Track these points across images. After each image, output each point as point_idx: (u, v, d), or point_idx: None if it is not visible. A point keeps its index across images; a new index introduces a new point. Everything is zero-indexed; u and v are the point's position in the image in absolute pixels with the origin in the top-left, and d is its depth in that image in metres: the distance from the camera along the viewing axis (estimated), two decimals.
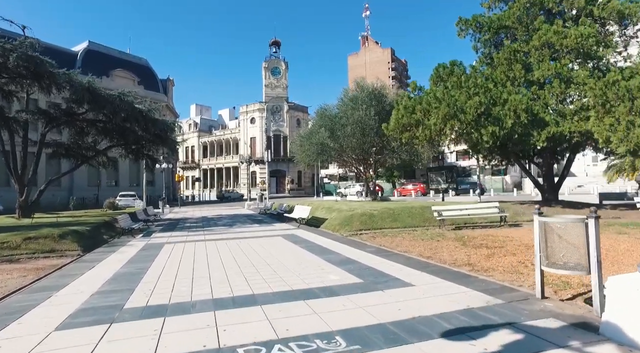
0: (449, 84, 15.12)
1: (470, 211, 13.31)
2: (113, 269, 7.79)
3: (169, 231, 15.37)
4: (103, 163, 21.74)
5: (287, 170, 67.54)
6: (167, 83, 56.37)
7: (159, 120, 19.05)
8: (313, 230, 14.56)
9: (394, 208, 14.84)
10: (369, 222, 13.81)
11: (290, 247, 10.27)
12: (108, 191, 39.66)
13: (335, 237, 12.20)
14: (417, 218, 14.20)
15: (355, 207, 16.15)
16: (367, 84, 22.15)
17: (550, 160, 17.09)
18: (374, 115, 20.65)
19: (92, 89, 15.60)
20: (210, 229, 15.67)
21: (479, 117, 13.85)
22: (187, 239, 12.63)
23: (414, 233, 12.43)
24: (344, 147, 21.06)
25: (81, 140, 19.60)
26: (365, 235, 12.37)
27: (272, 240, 11.93)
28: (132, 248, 10.85)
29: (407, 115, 15.47)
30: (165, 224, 18.75)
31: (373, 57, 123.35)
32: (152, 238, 13.23)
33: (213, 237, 13.13)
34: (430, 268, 7.13)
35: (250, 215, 23.36)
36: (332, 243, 10.83)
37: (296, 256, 8.84)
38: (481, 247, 9.38)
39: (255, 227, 16.07)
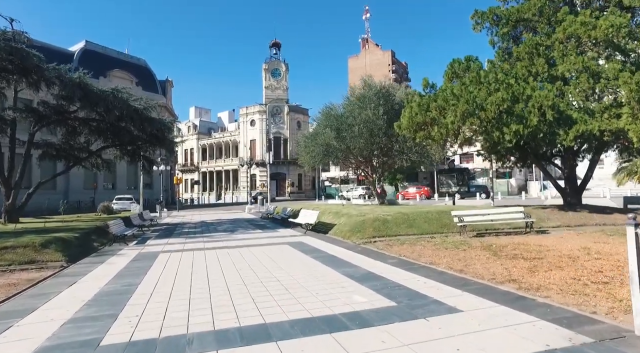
0: (466, 79, 14.08)
1: (493, 216, 12.24)
2: (97, 286, 6.67)
3: (165, 238, 14.25)
4: (97, 165, 20.64)
5: (287, 173, 66.51)
6: (165, 84, 55.38)
7: (156, 120, 17.98)
8: (321, 237, 13.47)
9: (408, 213, 13.76)
10: (383, 228, 12.72)
11: (300, 258, 9.16)
12: (105, 194, 38.55)
13: (348, 245, 11.10)
14: (434, 224, 13.11)
15: (366, 212, 15.07)
16: (374, 82, 21.11)
17: (572, 162, 16.05)
18: (383, 115, 19.60)
19: (83, 84, 14.53)
20: (210, 236, 14.56)
21: (500, 115, 12.81)
22: (185, 247, 11.52)
23: (433, 240, 11.35)
24: (351, 148, 19.98)
25: (73, 141, 18.49)
26: (381, 243, 11.28)
27: (278, 248, 10.82)
28: (123, 258, 9.73)
29: (422, 113, 14.42)
30: (162, 229, 17.63)
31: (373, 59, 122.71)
32: (146, 246, 12.12)
33: (213, 244, 12.02)
34: (471, 286, 6.04)
35: (251, 219, 22.25)
36: (346, 252, 9.73)
37: (309, 269, 7.74)
38: (516, 258, 8.30)
39: (259, 233, 14.96)
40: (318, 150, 19.99)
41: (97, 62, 40.62)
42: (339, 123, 20.56)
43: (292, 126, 67.61)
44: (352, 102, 21.39)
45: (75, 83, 14.27)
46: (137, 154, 21.15)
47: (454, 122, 13.51)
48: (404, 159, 20.79)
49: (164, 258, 9.49)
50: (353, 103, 21.09)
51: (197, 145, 75.90)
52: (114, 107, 15.55)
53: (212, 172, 73.25)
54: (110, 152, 21.20)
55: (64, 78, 14.26)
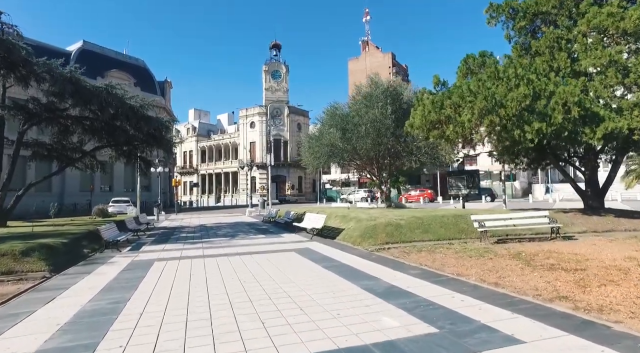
0: (483, 75, 13.23)
1: (516, 221, 11.33)
2: (78, 303, 5.73)
3: (161, 243, 13.30)
4: (91, 166, 19.70)
5: (287, 176, 65.68)
6: (164, 85, 54.58)
7: (153, 118, 17.07)
8: (329, 242, 12.53)
9: (422, 218, 12.85)
10: (396, 233, 11.81)
11: (310, 268, 8.23)
12: (101, 197, 37.60)
13: (360, 253, 10.17)
14: (450, 229, 12.20)
15: (376, 216, 14.15)
16: (381, 81, 20.25)
17: (593, 163, 15.17)
18: (391, 114, 18.73)
19: (75, 80, 13.63)
20: (210, 241, 13.61)
21: (522, 112, 11.94)
22: (183, 254, 10.58)
23: (452, 247, 10.44)
24: (357, 148, 19.08)
25: (66, 140, 17.56)
26: (395, 250, 10.36)
27: (284, 256, 9.88)
28: (114, 267, 8.79)
29: (436, 111, 13.54)
30: (159, 234, 16.67)
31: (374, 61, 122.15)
32: (140, 253, 11.17)
33: (213, 251, 11.08)
34: (517, 305, 5.12)
35: (252, 223, 21.30)
36: (361, 261, 8.81)
37: (323, 282, 6.82)
38: (554, 269, 7.38)
39: (261, 239, 14.02)
40: (323, 151, 19.10)
41: (95, 62, 39.77)
42: (345, 123, 19.69)
43: (293, 128, 66.86)
44: (358, 101, 20.54)
45: (66, 78, 13.37)
46: (134, 154, 20.23)
47: (471, 120, 12.63)
48: (413, 160, 19.90)
49: (159, 268, 8.54)
50: (359, 102, 20.23)
51: (196, 147, 75.01)
52: (108, 104, 14.64)
53: (211, 174, 72.32)
54: (106, 153, 20.28)
55: (54, 73, 13.37)
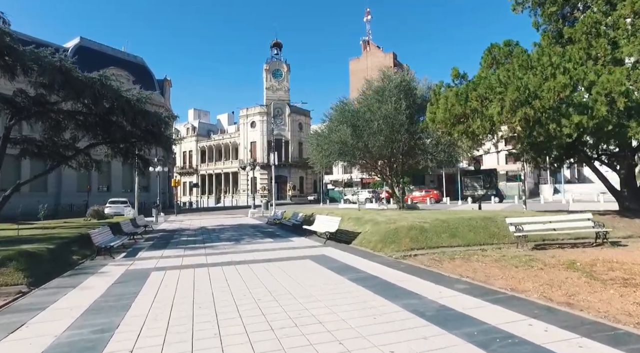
0: (514, 65, 12.05)
1: (556, 225, 10.13)
2: (52, 332, 4.52)
3: (160, 248, 12.08)
4: (85, 164, 18.45)
5: (288, 176, 64.54)
6: (164, 83, 53.42)
7: (151, 113, 15.86)
8: (345, 248, 11.33)
9: (448, 220, 11.65)
10: (421, 238, 10.60)
11: (334, 280, 7.02)
12: (99, 197, 36.38)
13: (385, 261, 8.97)
14: (480, 233, 11.01)
15: (394, 218, 12.95)
16: (393, 74, 19.07)
17: (630, 160, 14.01)
18: (405, 109, 17.54)
19: (65, 69, 12.42)
20: (213, 246, 12.40)
21: (559, 104, 10.78)
22: (184, 262, 9.37)
23: (488, 254, 9.25)
24: (369, 146, 17.88)
25: (57, 137, 16.31)
26: (424, 257, 9.17)
27: (300, 265, 8.67)
28: (104, 279, 7.57)
29: (461, 104, 12.36)
30: (157, 237, 15.45)
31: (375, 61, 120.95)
32: (136, 260, 9.94)
33: (217, 258, 9.87)
34: (626, 341, 3.93)
35: (256, 225, 20.08)
36: (390, 272, 7.60)
37: (355, 300, 5.61)
38: (631, 284, 6.20)
39: (269, 243, 12.81)
40: (332, 148, 17.88)
41: (92, 59, 38.51)
42: (356, 119, 18.49)
43: (294, 128, 65.76)
44: (369, 96, 19.34)
45: (55, 67, 12.14)
46: (131, 152, 18.99)
47: (501, 113, 11.45)
48: (429, 159, 18.70)
49: (157, 280, 7.33)
50: (370, 97, 19.05)
51: (196, 147, 73.80)
52: (102, 96, 13.42)
53: (211, 174, 71.11)
54: (101, 151, 19.04)
55: (42, 62, 12.15)
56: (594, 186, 50.48)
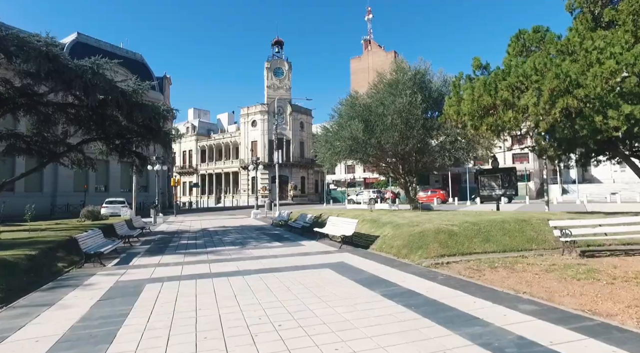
0: (550, 49, 10.89)
1: (608, 229, 8.90)
2: None
3: (157, 254, 10.86)
4: (78, 162, 17.23)
5: (289, 176, 63.38)
6: (163, 81, 52.25)
7: (148, 106, 14.63)
8: (363, 253, 10.14)
9: (478, 223, 10.44)
10: (451, 243, 9.40)
11: (365, 298, 5.81)
12: (97, 197, 35.21)
13: (416, 270, 7.76)
14: (516, 237, 9.80)
15: (417, 220, 11.74)
16: (408, 66, 17.87)
17: None
18: (421, 103, 16.34)
19: (52, 55, 11.19)
20: (216, 251, 11.18)
21: (608, 93, 9.59)
22: (183, 272, 8.15)
23: (533, 262, 8.04)
24: (382, 142, 16.67)
25: (47, 132, 15.11)
26: (458, 266, 7.97)
27: (320, 276, 7.46)
28: (88, 294, 6.35)
29: (490, 94, 11.17)
30: (155, 241, 14.24)
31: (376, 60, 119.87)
32: (129, 268, 8.73)
33: (222, 266, 8.66)
34: None
35: (261, 227, 18.87)
36: (429, 286, 6.39)
37: (401, 327, 4.40)
38: None
39: (278, 248, 11.60)
40: (343, 145, 16.68)
41: (90, 56, 37.32)
42: (368, 113, 17.28)
43: (295, 127, 64.67)
44: (381, 89, 18.14)
45: (41, 53, 10.91)
46: (127, 149, 17.80)
47: (537, 104, 10.25)
48: (446, 156, 17.50)
49: (151, 296, 6.11)
50: (383, 90, 17.84)
51: (196, 147, 72.60)
52: (94, 86, 12.19)
53: (211, 174, 69.91)
54: (96, 147, 17.84)
55: (26, 46, 10.94)
56: (602, 186, 49.41)
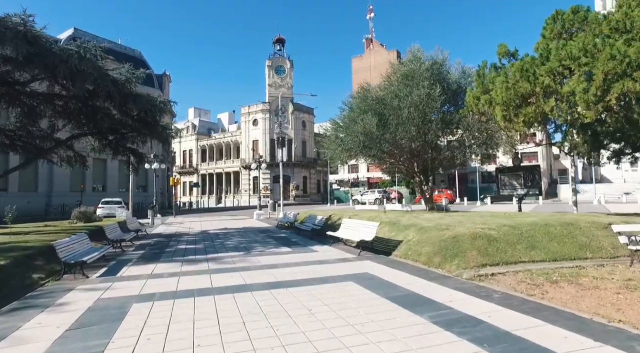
0: (602, 28, 9.56)
1: None
2: None
3: (151, 261, 9.52)
4: (68, 159, 15.94)
5: (291, 176, 62.10)
6: (163, 78, 50.95)
7: (143, 97, 13.30)
8: (387, 261, 8.82)
9: (518, 227, 9.10)
10: (491, 250, 8.07)
11: (412, 325, 4.47)
12: (93, 197, 33.92)
13: (460, 285, 6.43)
14: (566, 244, 8.46)
15: (445, 223, 10.40)
16: (425, 55, 16.52)
17: None
18: (440, 95, 15.01)
19: (31, 37, 9.84)
20: (218, 258, 9.85)
21: None
22: (180, 286, 6.82)
23: (596, 274, 6.71)
24: (398, 137, 15.34)
25: (33, 125, 13.82)
26: (507, 278, 6.66)
27: (345, 292, 6.12)
28: (57, 320, 5.01)
29: (529, 81, 9.84)
30: (151, 245, 12.92)
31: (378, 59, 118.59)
32: (116, 281, 7.40)
33: (226, 278, 7.33)
34: None
35: (266, 229, 17.55)
36: (489, 308, 5.06)
37: None
38: None
39: (288, 254, 10.27)
40: (355, 140, 15.34)
41: None
42: (381, 106, 15.95)
43: (297, 126, 63.43)
44: (395, 81, 16.80)
45: (17, 33, 9.56)
46: (122, 145, 16.48)
47: (588, 90, 8.92)
48: (467, 153, 16.17)
49: (137, 323, 4.78)
50: (398, 81, 16.50)
51: (196, 146, 71.29)
52: (82, 73, 10.86)
53: (212, 174, 68.61)
54: (88, 143, 16.53)
55: (2, 26, 9.62)
56: (613, 186, 48.02)
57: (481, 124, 15.19)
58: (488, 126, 15.25)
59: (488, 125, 15.20)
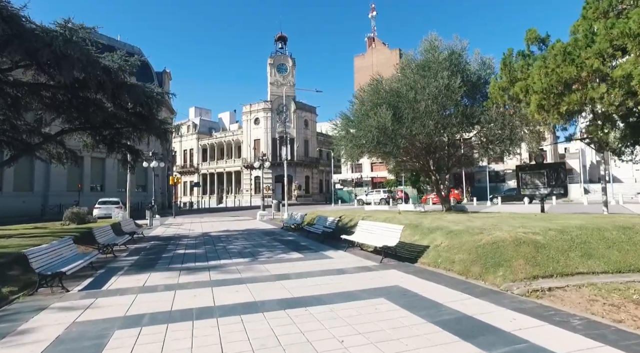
0: None
1: None
2: None
3: (144, 270, 8.34)
4: (58, 156, 14.77)
5: (293, 175, 60.95)
6: (163, 76, 49.78)
7: (138, 87, 12.13)
8: (415, 270, 7.64)
9: (567, 231, 7.91)
10: (541, 258, 6.88)
11: None
12: (91, 197, 32.80)
13: (517, 303, 5.24)
14: (629, 251, 7.24)
15: (475, 225, 9.21)
16: (443, 44, 15.29)
17: None
18: (460, 87, 13.82)
19: (7, 15, 8.66)
20: (221, 266, 8.68)
21: None
22: (175, 304, 5.63)
23: None
24: (415, 132, 14.14)
25: (18, 119, 12.65)
26: (571, 294, 5.48)
27: (376, 313, 4.94)
28: None
29: (576, 64, 8.64)
30: (146, 250, 11.75)
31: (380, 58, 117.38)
32: (100, 296, 6.21)
33: (230, 293, 6.14)
34: None
35: (271, 232, 16.37)
36: (580, 342, 3.88)
37: None
38: None
39: (300, 261, 9.09)
40: (369, 136, 14.13)
41: None
42: (396, 99, 14.75)
43: (299, 125, 62.30)
44: (409, 73, 15.58)
45: None
46: (117, 141, 15.33)
47: None
48: (489, 149, 14.97)
49: None
50: (413, 73, 15.30)
51: (197, 146, 70.15)
52: (68, 58, 9.67)
53: (212, 174, 67.49)
54: (80, 138, 15.37)
55: None
56: (624, 186, 46.66)
57: (505, 117, 13.99)
58: (512, 120, 14.06)
59: (512, 119, 14.01)
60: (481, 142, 15.22)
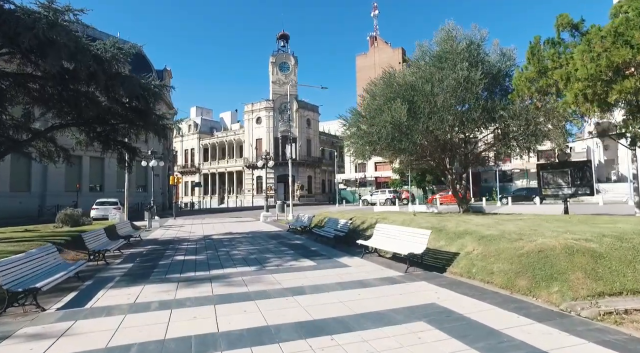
0: None
1: None
2: None
3: (137, 282, 7.32)
4: (49, 153, 13.79)
5: (296, 175, 59.92)
6: (163, 74, 48.79)
7: (133, 78, 11.14)
8: (448, 282, 6.60)
9: (625, 237, 6.85)
10: (603, 271, 5.83)
11: None
12: (90, 197, 31.84)
13: (598, 333, 4.20)
14: None
15: (512, 229, 8.17)
16: (461, 33, 14.23)
17: None
18: (481, 79, 12.78)
19: None
20: (224, 276, 7.65)
21: None
22: (170, 330, 4.59)
23: None
24: (431, 128, 13.10)
25: (3, 113, 11.64)
26: None
27: (420, 344, 3.91)
28: None
29: (632, 46, 7.57)
30: (142, 255, 10.74)
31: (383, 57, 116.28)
32: (80, 319, 5.16)
33: (236, 314, 5.12)
34: None
35: (276, 234, 15.35)
36: None
37: None
38: None
39: (312, 270, 8.06)
40: (383, 132, 13.09)
41: None
42: (411, 93, 13.71)
43: (302, 124, 61.36)
44: (423, 66, 14.53)
45: None
46: (113, 139, 14.34)
47: None
48: (512, 146, 13.92)
49: None
50: (428, 65, 14.27)
51: (199, 145, 69.21)
52: (53, 44, 8.68)
53: (214, 173, 66.55)
54: (73, 134, 14.39)
55: None
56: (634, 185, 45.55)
57: (529, 112, 12.94)
58: (537, 115, 13.01)
59: (537, 113, 12.96)
60: (501, 139, 14.15)
